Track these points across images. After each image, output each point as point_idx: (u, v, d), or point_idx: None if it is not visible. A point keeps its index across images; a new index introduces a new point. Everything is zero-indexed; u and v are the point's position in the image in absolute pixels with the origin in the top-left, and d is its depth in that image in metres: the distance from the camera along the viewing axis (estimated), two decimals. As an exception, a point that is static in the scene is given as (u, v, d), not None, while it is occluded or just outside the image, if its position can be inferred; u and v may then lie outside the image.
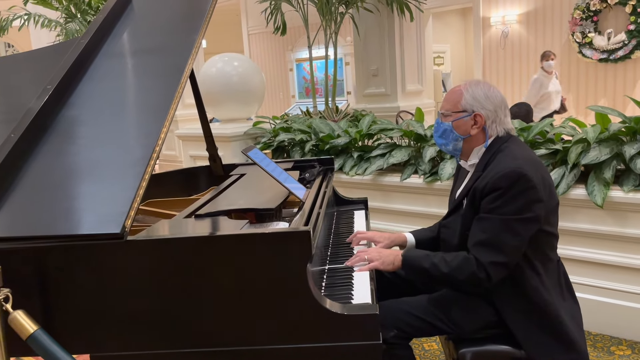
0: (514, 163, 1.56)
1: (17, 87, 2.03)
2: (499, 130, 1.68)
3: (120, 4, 2.12)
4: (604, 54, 7.21)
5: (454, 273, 1.57)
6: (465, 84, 1.71)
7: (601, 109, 2.72)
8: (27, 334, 1.20)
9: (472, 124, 1.68)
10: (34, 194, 1.43)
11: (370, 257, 1.68)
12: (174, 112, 1.66)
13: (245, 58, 4.95)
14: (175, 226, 1.60)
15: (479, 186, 1.61)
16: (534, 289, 1.60)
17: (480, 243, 1.57)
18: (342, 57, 9.94)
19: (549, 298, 1.60)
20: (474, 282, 1.56)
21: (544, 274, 1.62)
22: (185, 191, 2.63)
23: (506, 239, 1.54)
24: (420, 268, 1.62)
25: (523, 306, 1.61)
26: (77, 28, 7.07)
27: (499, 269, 1.55)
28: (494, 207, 1.56)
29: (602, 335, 2.65)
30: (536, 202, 1.54)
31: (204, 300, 1.33)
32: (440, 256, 1.62)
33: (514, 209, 1.53)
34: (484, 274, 1.54)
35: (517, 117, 4.02)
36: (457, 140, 1.72)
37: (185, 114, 7.70)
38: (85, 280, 1.34)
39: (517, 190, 1.53)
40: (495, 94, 1.68)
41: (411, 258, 1.66)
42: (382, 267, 1.66)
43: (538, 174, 1.57)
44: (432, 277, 1.62)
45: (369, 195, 2.93)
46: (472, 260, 1.55)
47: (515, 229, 1.54)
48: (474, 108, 1.67)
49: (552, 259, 1.68)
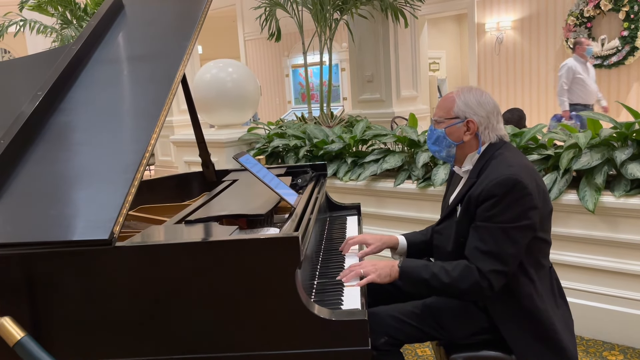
0: (508, 170, 1.56)
1: (10, 93, 2.03)
2: (491, 136, 1.69)
3: (112, 10, 2.13)
4: (598, 60, 7.25)
5: (456, 283, 1.56)
6: (457, 91, 1.72)
7: (592, 115, 2.74)
8: (14, 340, 1.20)
9: (465, 130, 1.68)
10: (23, 200, 1.43)
11: (365, 271, 1.64)
12: (164, 119, 1.66)
13: (240, 64, 4.96)
14: (165, 232, 1.60)
15: (473, 193, 1.61)
16: (528, 295, 1.60)
17: (480, 252, 1.56)
18: (337, 63, 9.98)
19: (542, 305, 1.61)
20: (477, 292, 1.56)
21: (537, 280, 1.62)
22: (178, 197, 2.63)
23: (505, 247, 1.53)
24: (420, 279, 1.60)
25: (516, 313, 1.61)
26: (73, 34, 7.09)
27: (500, 277, 1.55)
28: (491, 215, 1.55)
29: (594, 341, 2.66)
30: (532, 209, 1.54)
31: (193, 306, 1.33)
32: (440, 266, 1.60)
33: (510, 217, 1.53)
34: (487, 282, 1.53)
35: (510, 123, 4.04)
36: (450, 146, 1.72)
37: (181, 120, 7.71)
38: (74, 287, 1.34)
39: (513, 198, 1.53)
40: (488, 100, 1.69)
41: (409, 269, 1.63)
42: (379, 280, 1.63)
43: (532, 181, 1.57)
44: (432, 287, 1.59)
45: (362, 201, 2.93)
46: (474, 270, 1.54)
47: (514, 236, 1.53)
48: (466, 114, 1.67)
49: (545, 266, 1.68)
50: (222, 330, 1.33)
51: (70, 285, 1.34)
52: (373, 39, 5.71)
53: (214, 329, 1.34)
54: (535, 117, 7.69)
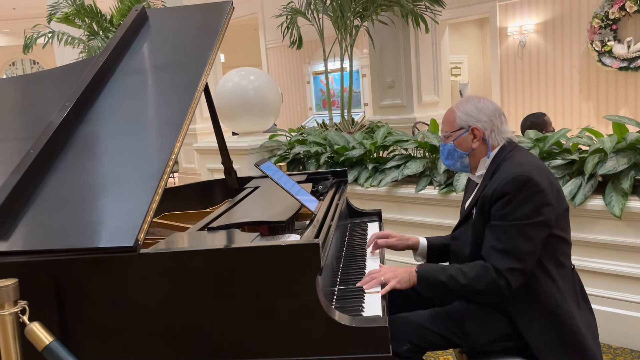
0: (520, 168, 1.59)
1: (40, 103, 2.09)
2: (499, 139, 1.72)
3: (137, 22, 2.18)
4: (624, 63, 7.11)
5: (474, 283, 1.56)
6: (456, 104, 1.78)
7: (618, 119, 2.69)
8: (43, 345, 1.23)
9: (472, 138, 1.73)
10: (51, 208, 1.47)
11: (386, 278, 1.65)
12: (187, 127, 1.70)
13: (261, 72, 5.01)
14: (188, 239, 1.63)
15: (486, 194, 1.63)
16: (549, 294, 1.59)
17: (496, 250, 1.57)
18: (358, 69, 9.99)
19: (564, 305, 1.59)
20: (494, 291, 1.56)
21: (559, 280, 1.62)
22: (201, 204, 2.66)
23: (520, 245, 1.54)
24: (437, 282, 1.61)
25: (538, 313, 1.60)
26: (99, 45, 7.26)
27: (517, 275, 1.55)
28: (505, 214, 1.57)
29: (622, 349, 2.60)
30: (545, 206, 1.55)
31: (215, 312, 1.35)
32: (457, 267, 1.61)
33: (524, 214, 1.55)
34: (504, 281, 1.54)
35: (535, 127, 3.99)
36: (462, 157, 1.77)
37: (204, 128, 7.80)
38: (100, 293, 1.37)
39: (525, 195, 1.55)
40: (486, 104, 1.73)
41: (427, 272, 1.64)
42: (399, 286, 1.63)
43: (545, 179, 1.58)
44: (450, 289, 1.60)
45: (383, 207, 2.93)
46: (490, 269, 1.55)
47: (528, 233, 1.54)
48: (469, 123, 1.72)
49: (567, 267, 1.67)
50: (243, 336, 1.35)
51: (95, 292, 1.37)
52: (394, 45, 5.70)
53: (235, 335, 1.35)
54: (559, 122, 7.57)
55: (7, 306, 1.25)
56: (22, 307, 1.26)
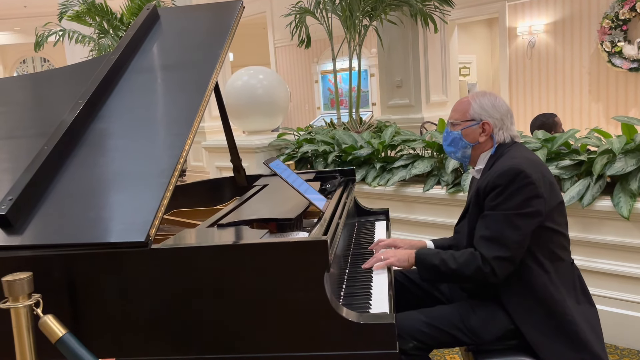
0: (511, 162, 1.65)
1: (52, 101, 2.12)
2: (505, 136, 1.77)
3: (148, 20, 2.21)
4: (634, 63, 7.06)
5: (462, 268, 1.63)
6: (472, 95, 1.81)
7: (626, 119, 2.69)
8: (56, 337, 1.26)
9: (481, 132, 1.77)
10: (64, 203, 1.49)
11: (386, 255, 1.77)
12: (198, 125, 1.72)
13: (270, 71, 5.03)
14: (197, 235, 1.65)
15: (481, 186, 1.69)
16: (542, 285, 1.62)
17: (483, 238, 1.63)
18: (367, 68, 9.98)
19: (558, 296, 1.62)
20: (480, 277, 1.61)
21: (553, 272, 1.65)
22: (210, 201, 2.69)
23: (508, 234, 1.59)
24: (431, 264, 1.69)
25: (531, 304, 1.63)
26: (110, 43, 7.30)
27: (504, 263, 1.59)
28: (496, 204, 1.62)
29: (629, 350, 2.59)
30: (535, 198, 1.60)
31: (224, 308, 1.37)
32: (450, 253, 1.69)
33: (514, 204, 1.60)
34: (489, 268, 1.59)
35: (544, 127, 3.98)
36: (466, 147, 1.81)
37: (213, 126, 7.83)
38: (111, 287, 1.39)
39: (516, 187, 1.59)
40: (501, 103, 1.78)
41: (423, 255, 1.73)
42: (398, 263, 1.74)
43: (537, 172, 1.63)
44: (441, 273, 1.67)
45: (391, 206, 2.94)
46: (477, 256, 1.61)
47: (516, 223, 1.59)
48: (482, 117, 1.76)
49: (564, 260, 1.70)
50: (251, 332, 1.37)
51: (107, 286, 1.40)
52: (402, 44, 5.70)
53: (243, 330, 1.37)
54: (569, 123, 7.54)
55: (21, 299, 1.27)
56: (36, 300, 1.29)
